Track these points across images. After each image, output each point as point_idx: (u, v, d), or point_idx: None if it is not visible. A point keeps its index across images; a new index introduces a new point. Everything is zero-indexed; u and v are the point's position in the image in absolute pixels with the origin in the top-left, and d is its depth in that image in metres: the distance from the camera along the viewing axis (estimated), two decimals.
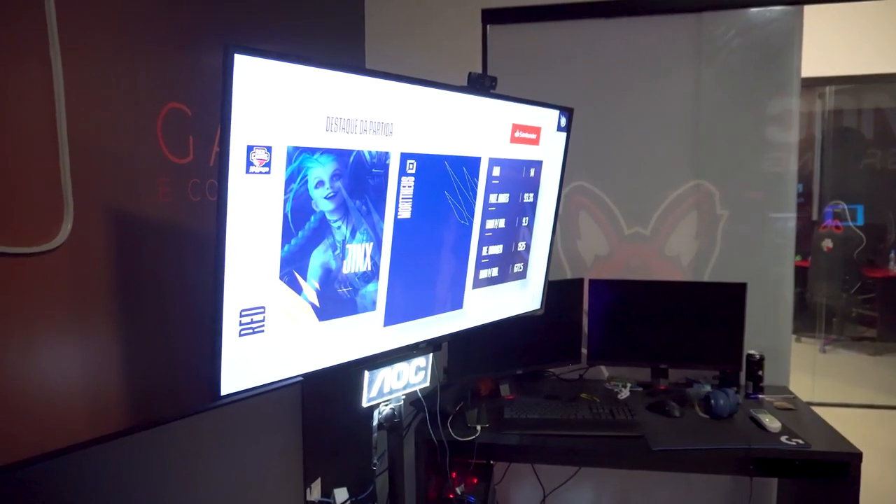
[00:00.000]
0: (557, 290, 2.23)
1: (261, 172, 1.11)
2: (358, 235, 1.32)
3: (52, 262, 1.11)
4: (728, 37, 2.31)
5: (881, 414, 3.94)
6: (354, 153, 1.26)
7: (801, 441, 1.87)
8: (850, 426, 2.01)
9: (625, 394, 2.35)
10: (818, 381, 3.66)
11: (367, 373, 1.49)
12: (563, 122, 1.75)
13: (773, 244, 2.40)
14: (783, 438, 1.90)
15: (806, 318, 4.98)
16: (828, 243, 5.04)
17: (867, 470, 1.82)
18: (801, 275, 2.85)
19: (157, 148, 1.34)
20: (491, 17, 2.38)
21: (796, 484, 2.24)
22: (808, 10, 2.25)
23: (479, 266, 1.66)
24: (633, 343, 2.39)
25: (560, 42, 2.40)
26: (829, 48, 2.74)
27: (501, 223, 1.68)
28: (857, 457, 1.81)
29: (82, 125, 1.15)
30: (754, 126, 2.36)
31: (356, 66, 1.27)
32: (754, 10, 2.27)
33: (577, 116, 1.80)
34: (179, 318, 1.41)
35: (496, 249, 1.70)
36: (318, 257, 1.26)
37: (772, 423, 1.97)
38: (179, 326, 1.41)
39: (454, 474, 2.36)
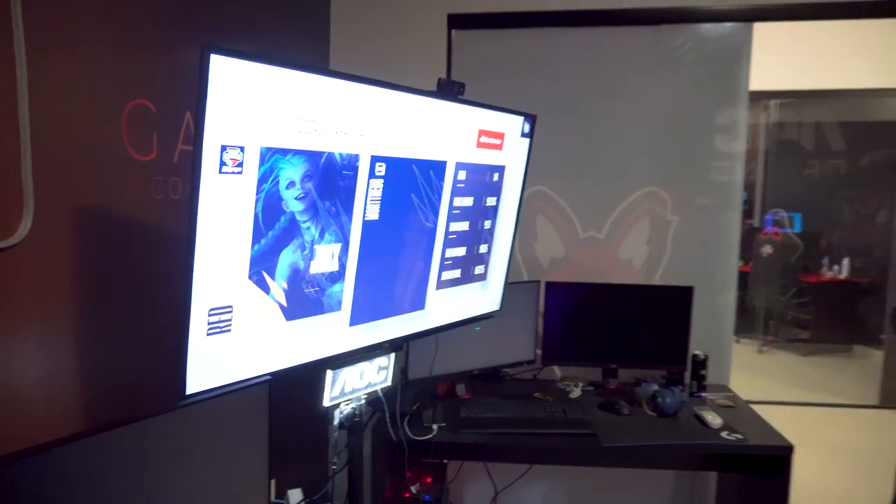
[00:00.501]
0: (514, 292, 2.33)
1: (233, 172, 1.14)
2: (326, 236, 1.36)
3: (11, 259, 1.11)
4: (683, 50, 2.46)
5: (812, 411, 4.28)
6: (325, 155, 1.30)
7: (740, 436, 2.04)
8: (784, 422, 2.20)
9: (577, 393, 2.47)
10: (756, 381, 3.93)
11: (329, 372, 1.53)
12: (527, 128, 1.84)
13: (719, 249, 2.58)
14: (724, 434, 2.06)
15: (745, 321, 5.31)
16: (768, 249, 5.42)
17: (798, 464, 2.00)
18: (741, 279, 3.07)
19: (121, 144, 1.34)
20: (457, 21, 2.44)
21: (734, 477, 2.43)
22: (757, 27, 2.43)
23: (443, 268, 1.73)
24: (586, 344, 2.52)
25: (524, 49, 2.49)
26: (774, 64, 2.95)
27: (465, 226, 1.76)
28: (789, 450, 1.99)
29: (46, 120, 1.15)
30: (705, 135, 2.52)
31: (330, 69, 1.30)
32: (708, 24, 2.43)
33: (537, 122, 1.89)
34: (144, 317, 1.42)
35: (459, 251, 1.77)
36: (287, 257, 1.30)
37: (714, 419, 2.14)
38: (144, 325, 1.42)
39: (409, 473, 2.43)
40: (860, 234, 5.32)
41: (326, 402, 1.57)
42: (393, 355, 1.67)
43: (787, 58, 3.52)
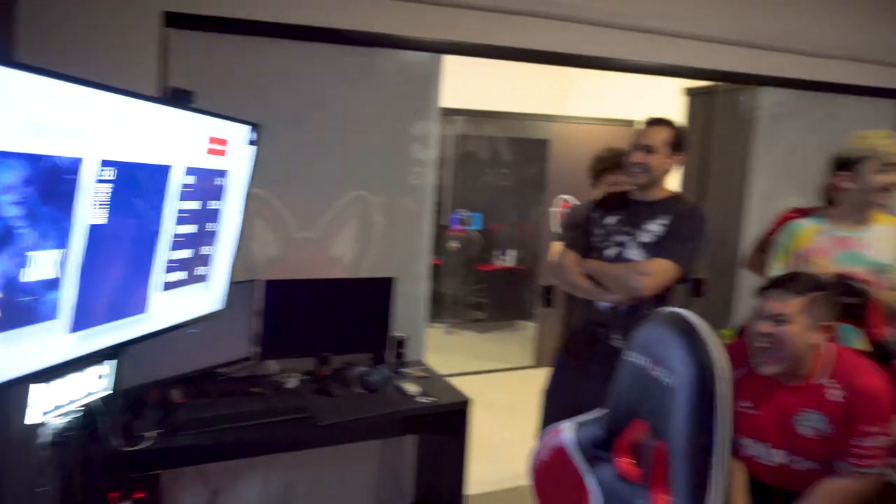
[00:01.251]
0: (231, 291, 2.46)
1: None
2: (46, 242, 1.36)
3: None
4: (388, 71, 2.91)
5: (488, 376, 5.43)
6: (48, 158, 1.31)
7: (433, 398, 2.60)
8: (467, 389, 2.84)
9: (293, 383, 2.74)
10: (445, 357, 4.71)
11: (33, 386, 1.48)
12: (253, 136, 2.03)
13: (416, 245, 3.13)
14: (421, 399, 2.59)
15: (437, 307, 6.28)
16: (454, 244, 6.52)
17: (477, 422, 2.64)
18: (434, 270, 3.74)
19: None
20: (174, 21, 2.40)
21: (429, 437, 3.02)
22: (446, 57, 3.01)
23: (168, 270, 1.82)
24: (300, 336, 2.80)
25: (247, 56, 2.61)
26: (459, 87, 3.63)
27: (191, 229, 1.86)
28: (466, 403, 2.65)
29: None
30: (404, 145, 3.03)
31: (55, 71, 1.29)
32: (409, 52, 2.93)
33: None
34: None
35: (185, 254, 1.87)
36: (1, 266, 1.27)
37: (412, 388, 2.66)
38: None
39: (118, 494, 2.33)
40: (521, 231, 6.76)
41: (33, 419, 1.53)
42: (114, 362, 1.70)
43: (469, 83, 4.38)
